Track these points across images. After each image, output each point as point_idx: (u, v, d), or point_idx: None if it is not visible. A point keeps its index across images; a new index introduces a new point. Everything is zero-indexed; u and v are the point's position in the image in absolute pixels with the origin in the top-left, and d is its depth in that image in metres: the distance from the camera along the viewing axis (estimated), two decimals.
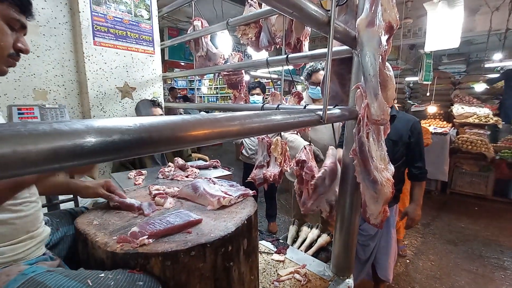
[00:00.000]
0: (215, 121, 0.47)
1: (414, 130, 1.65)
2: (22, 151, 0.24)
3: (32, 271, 0.67)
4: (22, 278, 0.65)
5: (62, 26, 1.91)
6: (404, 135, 1.64)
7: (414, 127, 1.65)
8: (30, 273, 0.66)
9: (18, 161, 0.24)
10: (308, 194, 1.28)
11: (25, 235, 0.77)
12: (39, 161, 0.25)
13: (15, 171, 0.24)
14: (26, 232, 0.77)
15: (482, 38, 4.67)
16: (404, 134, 1.64)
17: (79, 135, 0.28)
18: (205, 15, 2.18)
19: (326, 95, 0.83)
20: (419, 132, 1.67)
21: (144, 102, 2.05)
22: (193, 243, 0.74)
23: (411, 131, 1.64)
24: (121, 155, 0.33)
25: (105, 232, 0.81)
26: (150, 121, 0.37)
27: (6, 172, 0.23)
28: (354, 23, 1.07)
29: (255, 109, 1.47)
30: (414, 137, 1.65)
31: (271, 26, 1.50)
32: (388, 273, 1.78)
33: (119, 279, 0.66)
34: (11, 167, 0.23)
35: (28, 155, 0.24)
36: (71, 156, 0.27)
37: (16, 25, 0.72)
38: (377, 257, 1.80)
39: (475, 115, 4.53)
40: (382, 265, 1.79)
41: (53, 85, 1.90)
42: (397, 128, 1.61)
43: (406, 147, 1.66)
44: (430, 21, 2.12)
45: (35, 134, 0.25)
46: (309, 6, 0.68)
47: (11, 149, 0.23)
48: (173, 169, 1.56)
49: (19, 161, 0.24)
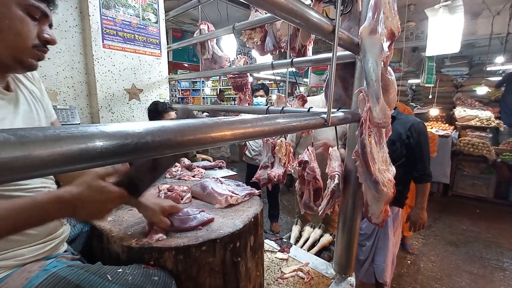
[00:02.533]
0: (230, 123, 0.51)
1: (414, 131, 1.64)
2: (49, 152, 0.27)
3: (53, 266, 0.69)
4: (44, 274, 0.66)
5: (73, 29, 1.96)
6: (403, 134, 1.65)
7: (414, 127, 1.65)
8: (52, 269, 0.68)
9: (51, 159, 0.28)
10: (309, 195, 1.31)
11: (47, 237, 0.77)
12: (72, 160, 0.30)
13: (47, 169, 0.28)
14: (48, 234, 0.77)
15: (485, 41, 4.69)
16: (403, 134, 1.65)
17: (125, 135, 0.33)
18: (210, 17, 2.22)
19: (330, 99, 0.87)
20: (420, 133, 1.66)
21: (157, 104, 2.06)
22: (204, 238, 0.78)
23: (410, 132, 1.64)
24: (152, 154, 0.37)
25: (120, 228, 0.86)
26: (175, 124, 0.41)
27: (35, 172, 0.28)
28: (357, 28, 1.12)
29: (260, 111, 1.51)
30: (413, 138, 1.64)
31: (276, 31, 1.55)
32: (384, 275, 1.76)
33: (136, 274, 0.69)
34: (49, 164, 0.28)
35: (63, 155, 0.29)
36: (115, 154, 0.32)
37: (36, 13, 0.66)
38: (374, 258, 1.80)
39: (477, 118, 4.55)
40: (379, 266, 1.78)
41: (63, 86, 1.96)
42: (396, 128, 1.63)
43: (405, 148, 1.65)
44: (431, 26, 2.17)
45: (77, 135, 0.30)
46: (315, 16, 0.72)
47: (49, 151, 0.28)
48: (180, 169, 1.60)
49: (54, 159, 0.28)
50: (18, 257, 0.69)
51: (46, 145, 0.27)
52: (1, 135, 0.25)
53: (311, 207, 1.31)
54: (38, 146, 0.27)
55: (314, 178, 1.28)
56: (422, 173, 1.69)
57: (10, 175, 0.25)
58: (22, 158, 0.25)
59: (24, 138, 0.26)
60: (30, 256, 0.71)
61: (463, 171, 4.24)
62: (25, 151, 0.26)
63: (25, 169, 0.26)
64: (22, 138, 0.26)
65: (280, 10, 0.64)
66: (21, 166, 0.26)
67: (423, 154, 1.67)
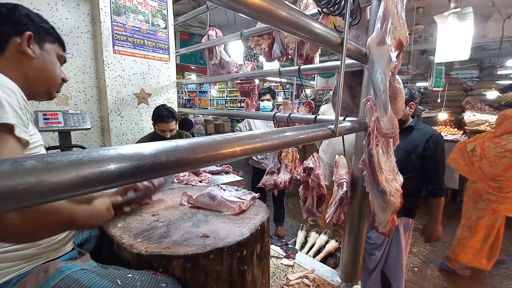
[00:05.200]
0: (239, 139, 0.52)
1: (431, 143, 1.59)
2: (73, 176, 0.29)
3: (68, 269, 0.73)
4: (60, 275, 0.70)
5: (84, 35, 2.01)
6: (420, 146, 1.61)
7: (431, 139, 1.60)
8: (67, 271, 0.72)
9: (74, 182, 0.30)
10: (313, 201, 1.32)
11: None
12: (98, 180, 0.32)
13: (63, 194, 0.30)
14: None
15: (495, 44, 4.62)
16: (420, 146, 1.61)
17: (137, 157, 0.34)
18: (217, 21, 2.25)
19: (338, 109, 0.87)
20: (437, 145, 1.61)
21: (160, 111, 2.02)
22: (212, 247, 0.80)
23: (427, 143, 1.60)
24: (166, 172, 0.39)
25: (129, 235, 0.88)
26: (187, 143, 0.43)
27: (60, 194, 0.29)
28: (365, 37, 1.12)
29: (267, 116, 1.52)
30: (430, 150, 1.59)
31: (283, 38, 1.56)
32: (400, 282, 1.75)
33: (144, 280, 0.72)
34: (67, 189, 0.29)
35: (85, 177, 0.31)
36: (133, 174, 0.33)
37: (62, 60, 0.91)
38: (389, 266, 1.78)
39: (487, 123, 4.47)
40: (395, 274, 1.76)
41: (74, 91, 2.01)
42: (413, 139, 1.59)
43: (421, 159, 1.61)
44: (440, 33, 2.15)
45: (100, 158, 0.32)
46: (323, 30, 0.73)
47: (73, 175, 0.30)
48: (187, 174, 1.63)
49: (77, 183, 0.30)
50: (36, 246, 0.76)
51: (70, 170, 0.29)
52: (30, 162, 0.27)
53: (314, 213, 1.31)
54: (62, 171, 0.28)
55: (318, 184, 1.29)
56: (437, 187, 1.64)
57: (37, 199, 0.27)
58: (49, 183, 0.27)
59: (50, 165, 0.28)
60: (46, 245, 0.79)
61: None
62: (51, 176, 0.27)
63: (52, 192, 0.28)
64: (48, 164, 0.28)
65: (288, 26, 0.65)
66: (47, 190, 0.27)
67: (438, 168, 1.63)
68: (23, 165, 0.26)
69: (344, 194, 1.13)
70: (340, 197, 1.13)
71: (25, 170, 0.26)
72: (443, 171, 1.65)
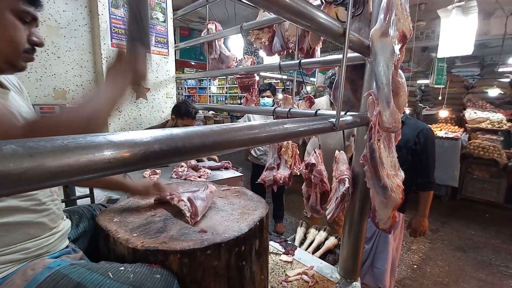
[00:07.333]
0: (238, 130, 0.50)
1: (422, 137, 1.61)
2: (58, 163, 0.27)
3: (57, 265, 0.71)
4: (48, 271, 0.68)
5: (82, 28, 1.98)
6: (410, 140, 1.62)
7: (422, 133, 1.62)
8: (56, 267, 0.70)
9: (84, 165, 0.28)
10: (316, 198, 1.30)
11: (49, 231, 0.80)
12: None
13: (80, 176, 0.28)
14: (49, 229, 0.81)
15: (497, 41, 4.58)
16: (410, 140, 1.62)
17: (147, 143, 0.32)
18: (217, 16, 2.22)
19: (339, 102, 0.85)
20: (427, 139, 1.62)
21: (181, 106, 2.02)
22: (209, 242, 0.78)
23: (418, 138, 1.61)
24: (160, 162, 0.37)
25: (125, 229, 0.86)
26: (183, 132, 0.41)
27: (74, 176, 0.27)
28: (367, 30, 1.10)
29: (267, 111, 1.50)
30: (420, 144, 1.61)
31: (284, 31, 1.53)
32: (384, 280, 1.74)
33: (138, 272, 0.70)
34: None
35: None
36: (124, 163, 0.31)
37: (27, 17, 0.67)
38: (373, 262, 1.78)
39: (488, 121, 4.44)
40: (379, 270, 1.76)
41: (72, 85, 1.98)
42: (404, 134, 1.59)
43: (411, 153, 1.62)
44: (444, 27, 2.11)
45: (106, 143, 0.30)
46: (325, 19, 0.70)
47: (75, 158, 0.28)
48: (186, 169, 1.61)
49: (62, 170, 0.28)
50: (24, 251, 0.73)
51: (54, 156, 0.27)
52: (9, 146, 0.25)
53: (318, 210, 1.29)
54: (46, 157, 0.26)
55: (321, 181, 1.27)
56: (426, 181, 1.66)
57: (18, 187, 0.25)
58: (31, 169, 0.25)
59: (32, 150, 0.26)
60: (35, 249, 0.76)
61: (473, 175, 4.15)
62: (33, 162, 0.25)
63: (33, 180, 0.26)
64: (30, 149, 0.25)
65: (290, 13, 0.62)
66: (29, 177, 0.25)
67: (428, 161, 1.64)
68: (2, 149, 0.24)
69: (346, 190, 1.11)
70: (342, 193, 1.11)
71: (4, 154, 0.24)
72: (433, 165, 1.66)
